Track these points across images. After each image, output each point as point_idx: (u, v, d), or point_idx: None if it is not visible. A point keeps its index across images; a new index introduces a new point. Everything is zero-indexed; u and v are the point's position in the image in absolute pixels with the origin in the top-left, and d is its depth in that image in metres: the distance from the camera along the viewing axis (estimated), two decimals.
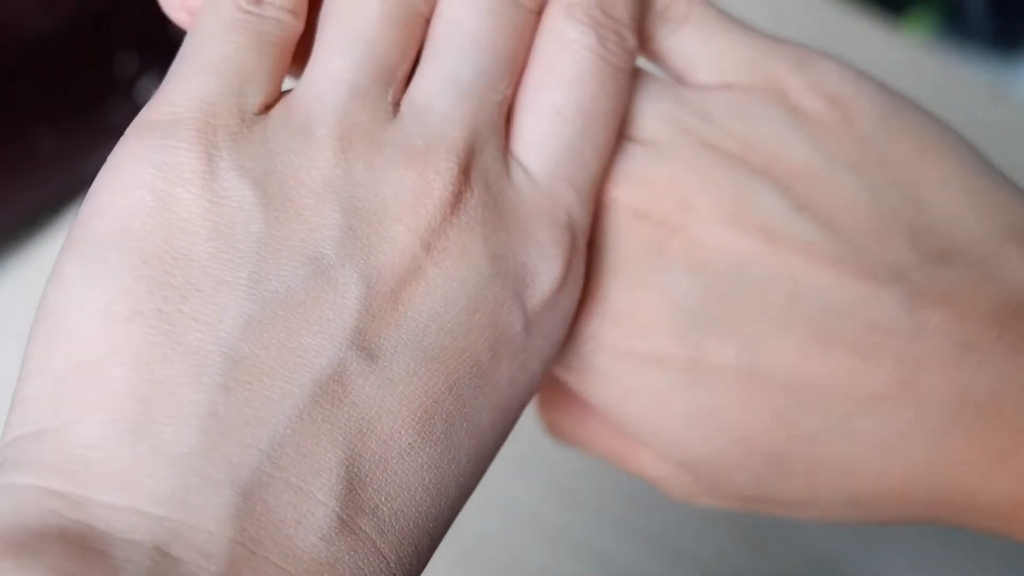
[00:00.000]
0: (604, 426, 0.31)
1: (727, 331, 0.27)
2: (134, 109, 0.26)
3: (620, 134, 0.29)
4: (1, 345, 0.54)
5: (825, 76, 0.29)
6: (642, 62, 0.30)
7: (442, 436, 0.23)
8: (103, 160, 0.25)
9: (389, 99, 0.26)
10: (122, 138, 0.25)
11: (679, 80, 0.30)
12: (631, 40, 0.28)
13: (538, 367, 0.26)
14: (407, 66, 0.27)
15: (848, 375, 0.27)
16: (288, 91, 0.27)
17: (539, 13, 0.28)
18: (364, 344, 0.23)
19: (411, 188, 0.25)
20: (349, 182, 0.24)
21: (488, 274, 0.25)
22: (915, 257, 0.27)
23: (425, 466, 0.23)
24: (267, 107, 0.26)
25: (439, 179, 0.25)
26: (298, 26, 0.27)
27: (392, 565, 0.22)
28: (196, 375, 0.22)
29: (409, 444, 0.23)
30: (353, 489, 0.22)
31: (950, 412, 0.26)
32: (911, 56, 0.65)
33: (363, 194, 0.24)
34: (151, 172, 0.24)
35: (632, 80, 0.29)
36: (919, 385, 0.27)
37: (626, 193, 0.28)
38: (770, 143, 0.28)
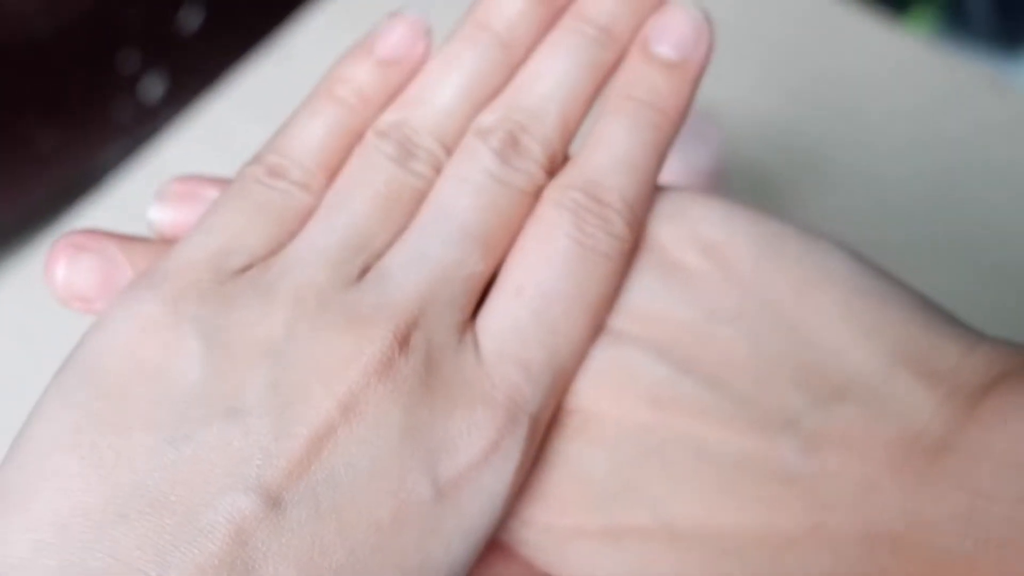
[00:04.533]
0: None
1: (636, 497, 0.28)
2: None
3: None
4: (3, 341, 0.54)
5: (698, 224, 0.29)
6: None
7: None
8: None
9: (358, 264, 0.28)
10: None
11: None
12: (619, 225, 0.28)
13: (457, 539, 0.26)
14: (388, 236, 0.28)
15: (760, 524, 0.27)
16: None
17: (536, 194, 0.29)
18: (263, 493, 0.25)
19: (342, 352, 0.26)
20: (288, 341, 0.26)
21: (398, 443, 0.26)
22: (805, 400, 0.27)
23: None
24: (252, 267, 0.28)
25: (371, 346, 0.26)
26: (308, 200, 0.29)
27: None
28: (106, 505, 0.24)
29: None
30: None
31: (865, 550, 0.26)
32: (913, 53, 0.65)
33: (297, 353, 0.26)
34: (126, 319, 0.27)
35: (623, 266, 0.29)
36: (830, 527, 0.26)
37: None
38: (646, 307, 0.29)
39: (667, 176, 0.31)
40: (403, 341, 0.26)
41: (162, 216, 0.30)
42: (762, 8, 0.68)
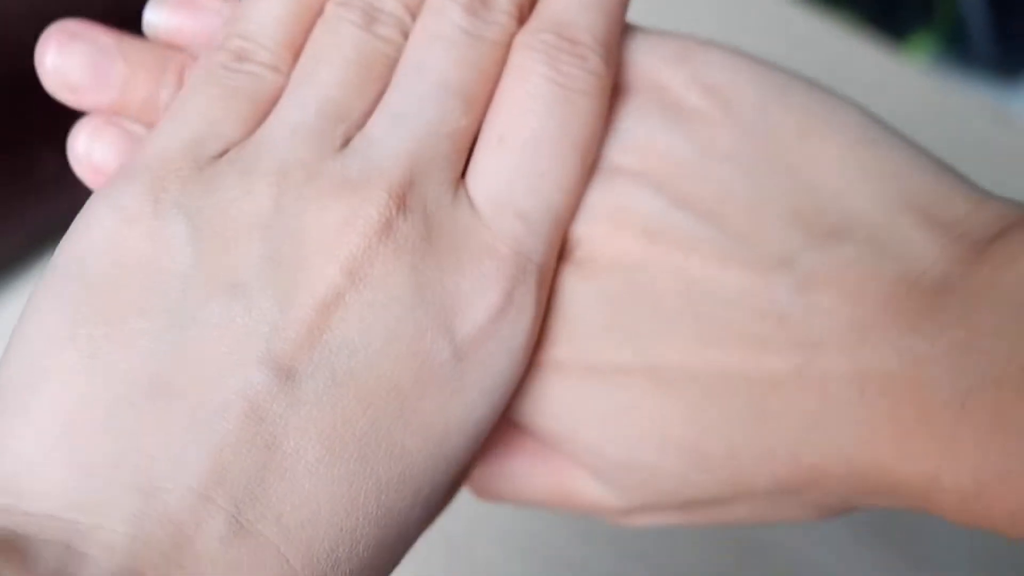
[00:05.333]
0: (532, 463, 0.31)
1: (622, 334, 0.27)
2: None
3: None
4: None
5: (703, 67, 0.29)
6: None
7: (355, 454, 0.24)
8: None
9: (339, 135, 0.27)
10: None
11: None
12: (594, 61, 0.28)
13: (479, 398, 0.26)
14: (365, 104, 0.28)
15: (748, 364, 0.26)
16: None
17: (509, 45, 0.29)
18: (275, 366, 0.24)
19: (337, 218, 0.25)
20: (278, 214, 0.26)
21: (410, 303, 0.25)
22: (802, 239, 0.27)
23: (336, 480, 0.24)
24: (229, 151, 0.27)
25: (366, 209, 0.26)
26: (279, 80, 0.28)
27: (299, 569, 0.24)
28: (112, 394, 0.24)
29: (317, 459, 0.24)
30: (256, 498, 0.24)
31: (854, 392, 0.26)
32: (913, 80, 0.65)
33: (289, 225, 0.26)
34: (107, 213, 0.26)
35: (603, 104, 0.28)
36: (819, 367, 0.26)
37: None
38: (643, 142, 0.28)
39: None
40: (399, 201, 0.26)
41: (157, 19, 0.30)
42: (758, 34, 0.68)
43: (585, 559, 0.50)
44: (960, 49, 0.72)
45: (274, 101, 0.28)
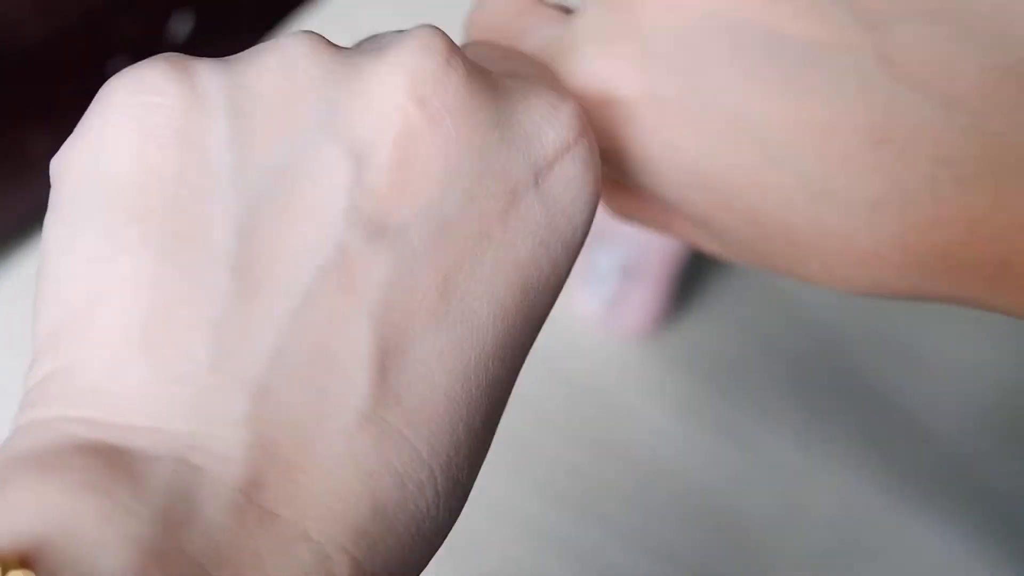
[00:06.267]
0: (641, 200, 0.30)
1: (699, 76, 0.27)
2: None
3: None
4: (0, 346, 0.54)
5: None
6: None
7: (459, 316, 0.22)
8: None
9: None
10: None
11: None
12: None
13: (560, 250, 0.24)
14: None
15: (819, 129, 0.26)
16: None
17: None
18: (363, 222, 0.22)
19: (393, 62, 0.23)
20: (322, 74, 0.23)
21: (494, 138, 0.23)
22: (902, 10, 0.25)
23: (445, 350, 0.22)
24: None
25: (425, 50, 0.23)
26: None
27: (425, 456, 0.22)
28: (191, 291, 0.21)
29: (423, 327, 0.22)
30: (371, 380, 0.21)
31: (924, 174, 0.25)
32: None
33: (339, 79, 0.23)
34: (118, 99, 0.23)
35: None
36: (894, 144, 0.25)
37: None
38: None
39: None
40: (450, 46, 0.23)
41: None
42: None
43: (592, 547, 0.50)
44: None
45: None
